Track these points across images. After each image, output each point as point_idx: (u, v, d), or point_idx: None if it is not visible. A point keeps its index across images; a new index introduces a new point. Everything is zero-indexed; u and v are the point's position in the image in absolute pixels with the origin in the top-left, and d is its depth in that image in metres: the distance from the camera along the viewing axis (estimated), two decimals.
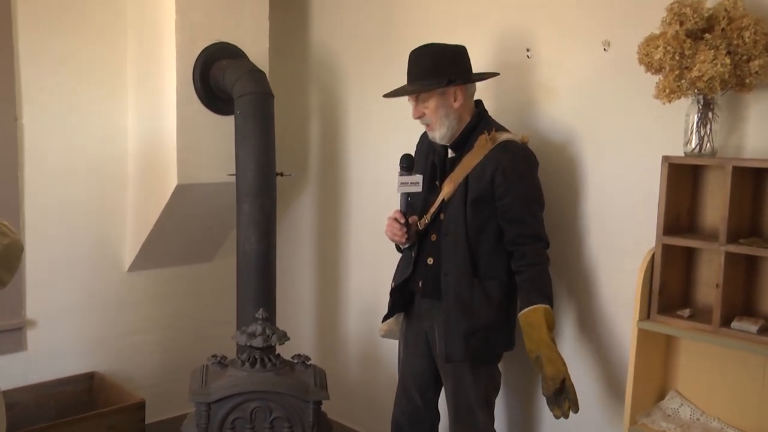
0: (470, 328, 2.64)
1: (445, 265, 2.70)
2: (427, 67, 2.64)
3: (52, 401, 3.47)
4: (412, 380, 2.92)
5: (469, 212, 2.64)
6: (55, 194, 3.45)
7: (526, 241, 2.62)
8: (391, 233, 2.76)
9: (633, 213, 2.69)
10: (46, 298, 3.47)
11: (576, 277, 2.90)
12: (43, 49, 3.32)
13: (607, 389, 2.82)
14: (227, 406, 2.60)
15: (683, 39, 2.25)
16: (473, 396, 2.72)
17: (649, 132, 2.62)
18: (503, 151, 2.61)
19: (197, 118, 3.35)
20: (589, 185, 2.83)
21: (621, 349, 2.73)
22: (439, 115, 2.66)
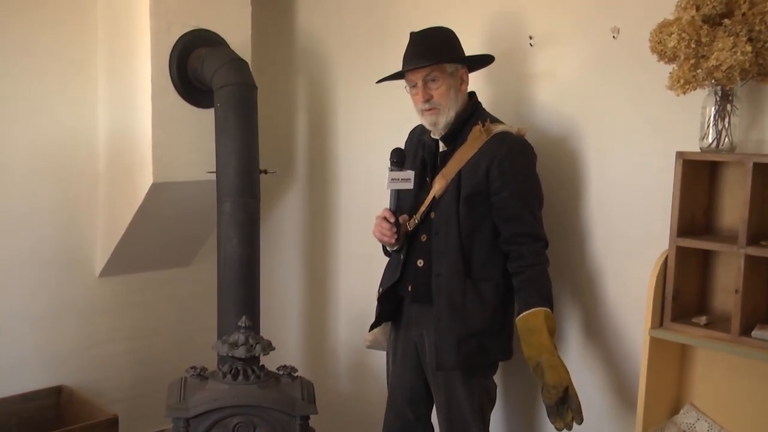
0: (462, 334, 2.64)
1: (436, 266, 2.70)
2: (439, 44, 2.67)
3: (15, 419, 3.46)
4: (401, 395, 2.92)
5: (462, 209, 2.65)
6: (18, 192, 3.44)
7: (524, 241, 2.62)
8: (380, 233, 2.76)
9: (643, 213, 2.69)
10: (7, 304, 3.46)
11: (580, 282, 2.91)
12: (4, 33, 3.31)
13: (617, 402, 2.82)
14: (207, 422, 2.60)
15: (700, 25, 2.24)
16: (467, 409, 2.72)
17: (662, 126, 2.62)
18: (499, 143, 2.62)
19: (174, 111, 3.35)
20: (595, 183, 2.84)
21: (630, 359, 2.73)
22: (449, 98, 2.67)
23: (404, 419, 2.93)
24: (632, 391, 2.66)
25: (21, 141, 3.42)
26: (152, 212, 3.47)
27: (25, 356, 3.53)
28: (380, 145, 3.36)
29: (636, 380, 2.59)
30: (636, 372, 2.62)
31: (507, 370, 3.09)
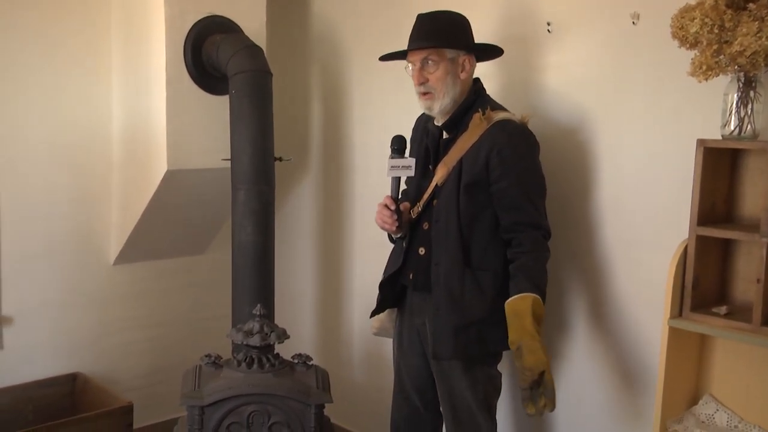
0: (460, 323, 2.64)
1: (435, 255, 2.71)
2: (443, 28, 2.66)
3: (31, 405, 3.49)
4: (409, 382, 2.94)
5: (462, 198, 2.65)
6: (34, 181, 3.46)
7: (523, 229, 2.61)
8: (381, 221, 2.78)
9: (662, 201, 2.69)
10: (23, 293, 3.48)
11: (597, 271, 2.90)
12: (17, 22, 3.33)
13: (633, 393, 2.82)
14: (222, 410, 2.62)
15: (723, 10, 2.21)
16: (471, 398, 2.72)
17: (682, 113, 2.61)
18: (500, 131, 2.61)
19: (188, 98, 3.35)
20: (613, 171, 2.83)
21: (648, 350, 2.73)
22: (445, 83, 2.66)
23: (413, 406, 2.95)
24: (649, 382, 2.67)
25: (35, 131, 3.44)
26: (166, 200, 3.48)
27: (41, 343, 3.55)
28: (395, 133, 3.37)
29: (652, 372, 2.60)
30: (652, 364, 2.63)
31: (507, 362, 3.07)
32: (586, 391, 2.98)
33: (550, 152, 2.84)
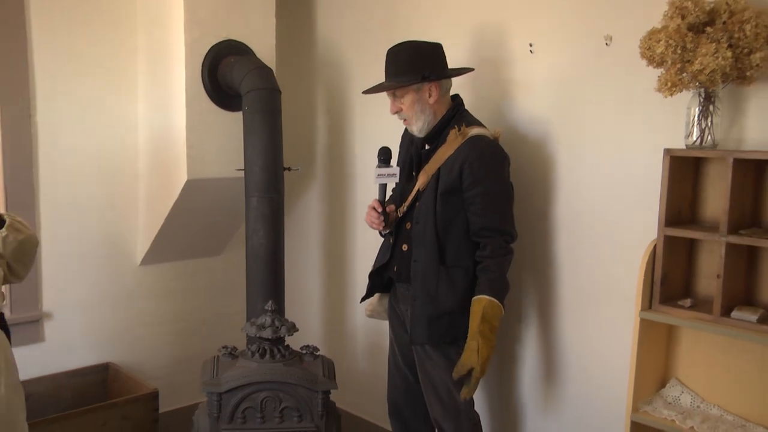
0: (434, 313, 2.68)
1: (415, 253, 2.74)
2: (403, 63, 2.69)
3: (68, 391, 3.50)
4: (402, 358, 2.97)
5: (439, 203, 2.68)
6: (69, 190, 3.46)
7: (489, 234, 2.65)
8: (370, 221, 2.82)
9: (633, 205, 2.69)
10: (61, 291, 3.49)
11: (575, 269, 2.90)
12: (56, 48, 3.34)
13: (609, 377, 2.82)
14: (238, 396, 2.64)
15: (685, 33, 2.24)
16: (449, 378, 2.73)
17: (651, 125, 2.61)
18: (471, 147, 2.64)
19: (206, 114, 3.35)
20: (590, 178, 2.82)
21: (621, 339, 2.72)
22: (415, 110, 2.71)
23: (406, 380, 2.97)
24: (623, 368, 2.65)
25: (72, 145, 3.44)
26: (186, 207, 3.48)
27: (76, 337, 3.56)
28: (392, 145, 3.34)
29: (626, 359, 2.59)
30: (625, 351, 2.62)
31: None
32: (561, 374, 2.98)
33: (524, 162, 2.85)
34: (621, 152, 2.71)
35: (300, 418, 2.67)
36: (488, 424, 3.16)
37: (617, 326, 2.76)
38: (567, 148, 2.87)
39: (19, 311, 3.35)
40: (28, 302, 3.39)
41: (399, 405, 3.02)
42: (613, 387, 2.77)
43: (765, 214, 2.35)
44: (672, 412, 2.45)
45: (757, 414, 2.39)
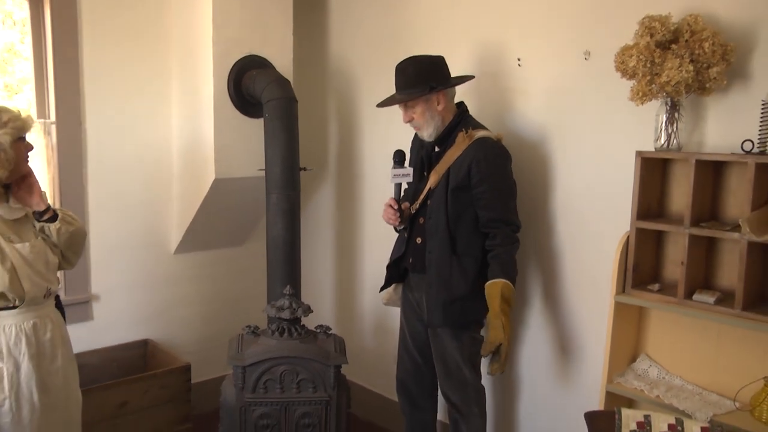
0: (448, 298, 2.67)
1: (429, 245, 2.73)
2: (411, 77, 2.67)
3: (114, 363, 3.52)
4: (412, 342, 2.95)
5: (450, 199, 2.67)
6: (113, 188, 3.47)
7: (497, 225, 2.63)
8: (386, 217, 2.81)
9: (609, 201, 2.69)
10: (107, 276, 3.50)
11: (559, 259, 2.90)
12: (102, 67, 3.36)
13: (587, 353, 2.83)
14: (260, 369, 2.65)
15: (653, 49, 2.27)
16: (458, 356, 2.74)
17: (624, 130, 2.62)
18: (478, 147, 2.63)
19: (231, 121, 3.35)
20: (573, 178, 2.83)
21: (598, 319, 2.73)
22: (425, 118, 2.70)
23: (415, 362, 2.96)
24: (600, 344, 2.68)
25: (114, 148, 3.45)
26: (214, 202, 3.48)
27: (120, 316, 3.58)
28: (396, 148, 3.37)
29: (602, 337, 2.62)
30: (602, 330, 2.64)
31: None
32: (543, 350, 2.99)
33: (521, 161, 2.85)
34: (598, 155, 2.71)
35: (314, 389, 2.67)
36: (491, 395, 3.15)
37: (594, 309, 2.77)
38: (551, 152, 2.87)
39: (71, 294, 3.36)
40: (79, 286, 3.40)
41: (407, 383, 3.01)
42: (591, 361, 2.79)
43: (722, 209, 2.37)
44: (641, 383, 2.47)
45: (711, 383, 2.43)
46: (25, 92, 3.27)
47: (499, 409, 3.18)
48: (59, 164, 3.27)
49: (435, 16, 3.31)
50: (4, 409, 2.11)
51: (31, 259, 2.17)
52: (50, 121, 3.25)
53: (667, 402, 2.35)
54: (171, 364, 3.38)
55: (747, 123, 2.26)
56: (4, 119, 2.10)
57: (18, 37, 3.25)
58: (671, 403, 2.33)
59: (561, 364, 2.95)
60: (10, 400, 2.11)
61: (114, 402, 3.07)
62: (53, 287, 2.28)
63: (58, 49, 3.20)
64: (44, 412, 2.19)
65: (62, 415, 2.27)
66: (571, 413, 2.85)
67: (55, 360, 2.25)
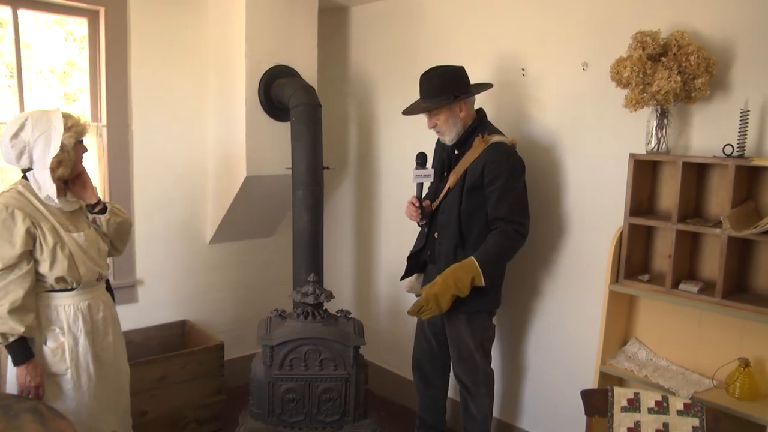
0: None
1: (439, 237, 2.74)
2: (436, 86, 2.65)
3: (155, 342, 3.55)
4: (428, 327, 2.96)
5: (464, 198, 2.66)
6: (155, 184, 3.50)
7: (500, 223, 2.62)
8: (408, 213, 2.81)
9: (604, 199, 2.70)
10: (150, 263, 3.54)
11: (558, 252, 2.91)
12: (148, 77, 3.40)
13: (583, 337, 2.85)
14: (286, 349, 2.68)
15: (645, 61, 2.29)
16: (471, 342, 2.75)
17: (619, 135, 2.63)
18: (492, 151, 2.62)
19: (261, 124, 3.36)
20: (570, 178, 2.84)
21: (593, 306, 2.75)
22: (449, 124, 2.69)
23: (429, 344, 2.97)
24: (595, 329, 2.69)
25: (157, 149, 3.48)
26: (245, 197, 3.50)
27: (161, 299, 3.60)
28: (409, 150, 3.36)
29: (597, 322, 2.64)
30: (597, 316, 2.66)
31: (502, 316, 3.12)
32: (547, 334, 3.00)
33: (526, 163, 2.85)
34: (595, 157, 2.72)
35: (335, 367, 2.68)
36: (500, 378, 3.16)
37: (589, 297, 2.78)
38: (551, 156, 2.88)
39: (119, 278, 3.40)
40: (126, 271, 3.44)
41: (421, 363, 3.02)
42: (586, 345, 2.81)
43: (705, 206, 2.38)
44: (631, 364, 2.49)
45: (694, 364, 2.45)
46: (80, 100, 3.32)
47: (506, 388, 3.20)
48: (109, 162, 3.32)
49: (446, 30, 3.32)
50: (66, 377, 2.18)
51: (85, 247, 2.23)
52: (102, 125, 3.29)
53: (654, 381, 2.37)
54: (206, 342, 3.40)
55: (728, 129, 2.28)
56: (69, 124, 2.16)
57: (76, 52, 3.30)
58: (657, 382, 2.36)
59: (560, 347, 2.96)
60: (71, 370, 2.18)
61: (155, 375, 3.10)
62: (104, 272, 2.34)
63: (111, 61, 3.25)
64: (98, 381, 2.25)
65: (113, 384, 2.34)
66: (568, 392, 2.88)
67: (107, 336, 2.31)
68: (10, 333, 2.04)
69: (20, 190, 2.17)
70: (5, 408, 1.94)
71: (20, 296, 2.06)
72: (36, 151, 2.12)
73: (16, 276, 2.07)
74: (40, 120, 2.13)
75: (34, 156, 2.13)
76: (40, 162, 2.13)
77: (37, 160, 2.13)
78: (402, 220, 3.25)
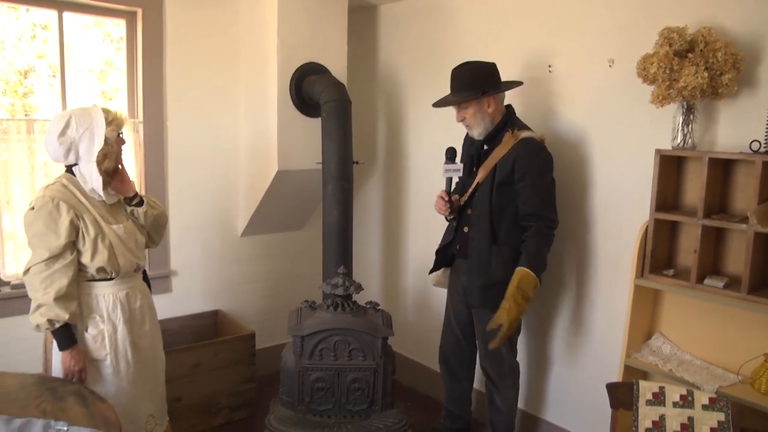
0: (486, 283, 2.69)
1: (472, 233, 2.75)
2: (465, 81, 2.67)
3: (188, 330, 3.60)
4: (455, 320, 2.98)
5: (494, 193, 2.67)
6: (189, 178, 3.56)
7: (532, 219, 2.62)
8: (438, 208, 2.82)
9: (630, 194, 2.69)
10: (184, 254, 3.60)
11: (585, 247, 2.91)
12: (182, 75, 3.45)
13: (608, 330, 2.85)
14: (316, 339, 2.71)
15: (672, 57, 2.28)
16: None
17: (645, 130, 2.62)
18: (522, 147, 2.63)
19: (293, 120, 3.39)
20: (596, 173, 2.83)
21: (618, 300, 2.74)
22: (476, 118, 2.70)
23: (456, 337, 3.00)
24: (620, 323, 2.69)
25: (191, 144, 3.52)
26: (276, 191, 3.53)
27: (195, 289, 3.66)
28: (437, 146, 3.38)
29: (622, 315, 2.64)
30: (622, 309, 2.66)
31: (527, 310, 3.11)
32: (572, 327, 3.00)
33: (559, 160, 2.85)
34: (622, 153, 2.71)
35: (364, 357, 2.70)
36: (525, 371, 3.17)
37: (614, 291, 2.78)
38: (578, 152, 2.87)
39: (154, 269, 3.46)
40: (161, 262, 3.50)
41: (448, 356, 3.05)
42: (611, 338, 2.81)
43: (731, 202, 2.37)
44: (656, 358, 2.49)
45: (718, 358, 2.44)
46: (116, 98, 3.41)
47: (531, 381, 3.21)
48: (145, 157, 3.39)
49: (473, 27, 3.32)
50: (106, 363, 2.26)
51: (124, 238, 2.31)
52: (138, 121, 3.37)
53: (678, 375, 2.37)
54: (238, 331, 3.43)
55: (755, 125, 2.26)
56: (109, 118, 2.24)
57: (113, 52, 3.39)
58: (682, 377, 2.35)
59: (585, 341, 2.96)
60: (110, 356, 2.26)
61: (189, 362, 3.15)
62: (141, 263, 2.40)
63: (147, 59, 3.32)
64: (136, 368, 2.33)
65: (150, 370, 2.41)
66: (592, 385, 2.88)
67: (144, 324, 2.38)
68: (56, 319, 2.14)
69: (64, 183, 2.26)
70: (52, 390, 2.03)
71: (65, 285, 2.15)
72: (81, 147, 2.21)
73: (61, 265, 2.16)
74: (83, 116, 2.22)
75: (80, 151, 2.22)
76: (85, 156, 2.22)
77: (82, 155, 2.22)
78: (429, 215, 3.27)
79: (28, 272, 2.18)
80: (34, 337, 2.35)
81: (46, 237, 2.16)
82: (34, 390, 2.02)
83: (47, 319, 2.13)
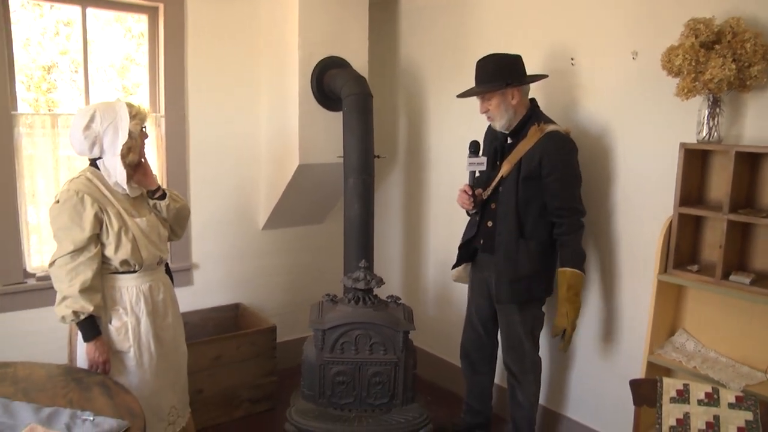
0: (514, 277, 2.69)
1: (499, 227, 2.74)
2: (490, 72, 2.67)
3: (210, 323, 3.62)
4: (477, 316, 2.98)
5: (520, 187, 2.66)
6: (211, 172, 3.57)
7: (564, 213, 2.62)
8: (461, 201, 2.82)
9: (654, 188, 2.67)
10: (205, 248, 3.61)
11: (608, 241, 2.89)
12: (203, 69, 3.48)
13: (631, 326, 2.83)
14: (337, 332, 2.72)
15: (698, 49, 2.25)
16: (521, 330, 2.77)
17: (669, 124, 2.59)
18: (549, 140, 2.62)
19: (314, 114, 3.40)
20: (620, 167, 2.80)
21: (641, 295, 2.72)
22: (500, 110, 2.68)
23: (478, 333, 3.00)
24: (643, 319, 2.67)
25: (212, 138, 3.54)
26: (298, 185, 3.54)
27: (216, 282, 3.67)
28: (459, 140, 3.38)
29: (645, 311, 2.62)
30: (645, 305, 2.64)
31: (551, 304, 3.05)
32: (595, 322, 2.98)
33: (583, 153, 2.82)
34: (646, 146, 2.69)
35: (385, 351, 2.72)
36: (546, 366, 3.14)
37: (637, 287, 2.76)
38: (602, 145, 2.85)
39: (176, 262, 3.48)
40: (183, 255, 3.53)
41: (469, 351, 3.06)
42: (633, 334, 2.79)
43: (758, 197, 2.33)
44: (679, 355, 2.48)
45: (744, 356, 2.41)
46: (137, 93, 3.45)
47: (553, 377, 3.21)
48: (167, 151, 3.42)
49: (495, 20, 3.31)
50: (129, 354, 2.30)
51: (147, 231, 2.34)
52: (160, 115, 3.41)
53: (702, 373, 2.34)
54: (259, 324, 3.44)
55: None
56: (133, 112, 2.28)
57: (134, 48, 3.44)
58: (707, 374, 2.33)
59: (607, 336, 2.95)
60: (134, 348, 2.30)
61: (211, 355, 3.17)
62: (164, 256, 2.43)
63: (169, 54, 3.36)
64: (159, 359, 2.36)
65: (172, 362, 2.45)
66: (615, 381, 2.87)
67: (166, 317, 2.41)
68: (81, 311, 2.17)
69: (88, 176, 2.29)
70: (78, 380, 2.08)
71: (89, 277, 2.19)
72: (106, 140, 2.25)
73: (86, 258, 2.20)
74: (107, 111, 2.25)
75: (104, 145, 2.25)
76: (110, 150, 2.25)
77: (107, 149, 2.26)
78: (451, 209, 3.27)
79: (54, 264, 2.22)
80: (60, 328, 2.40)
81: (71, 230, 2.20)
82: (61, 380, 2.07)
83: (72, 311, 2.17)
